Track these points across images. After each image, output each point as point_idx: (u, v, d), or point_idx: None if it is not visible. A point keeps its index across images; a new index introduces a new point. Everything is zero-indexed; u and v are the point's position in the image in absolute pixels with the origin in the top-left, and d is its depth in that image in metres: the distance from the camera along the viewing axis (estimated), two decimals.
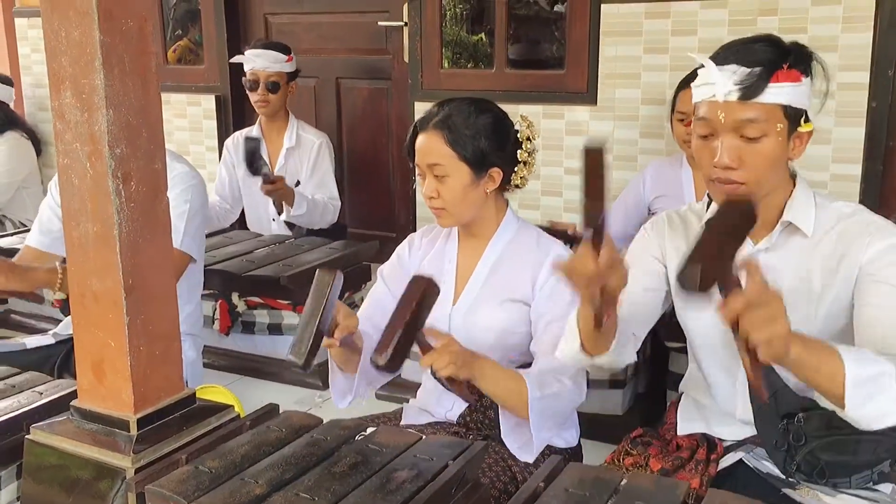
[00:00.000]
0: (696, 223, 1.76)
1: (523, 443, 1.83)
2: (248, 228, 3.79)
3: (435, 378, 1.66)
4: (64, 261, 2.26)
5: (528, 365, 1.92)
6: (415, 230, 4.17)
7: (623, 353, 1.68)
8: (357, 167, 4.29)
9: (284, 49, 3.62)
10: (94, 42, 1.55)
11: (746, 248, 1.66)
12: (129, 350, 1.68)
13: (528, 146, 1.90)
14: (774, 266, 1.63)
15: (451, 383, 1.66)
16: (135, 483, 1.54)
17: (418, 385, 2.18)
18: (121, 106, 1.61)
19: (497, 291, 1.90)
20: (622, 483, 1.47)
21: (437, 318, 1.93)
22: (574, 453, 1.99)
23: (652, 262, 1.78)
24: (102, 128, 1.60)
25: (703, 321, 1.73)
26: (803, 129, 1.57)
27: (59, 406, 1.90)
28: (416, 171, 1.90)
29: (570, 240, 2.79)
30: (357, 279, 3.22)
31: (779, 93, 1.51)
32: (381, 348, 1.51)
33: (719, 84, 1.53)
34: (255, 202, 3.72)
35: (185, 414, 1.80)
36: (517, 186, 1.93)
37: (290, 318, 3.00)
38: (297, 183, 3.62)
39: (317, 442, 1.65)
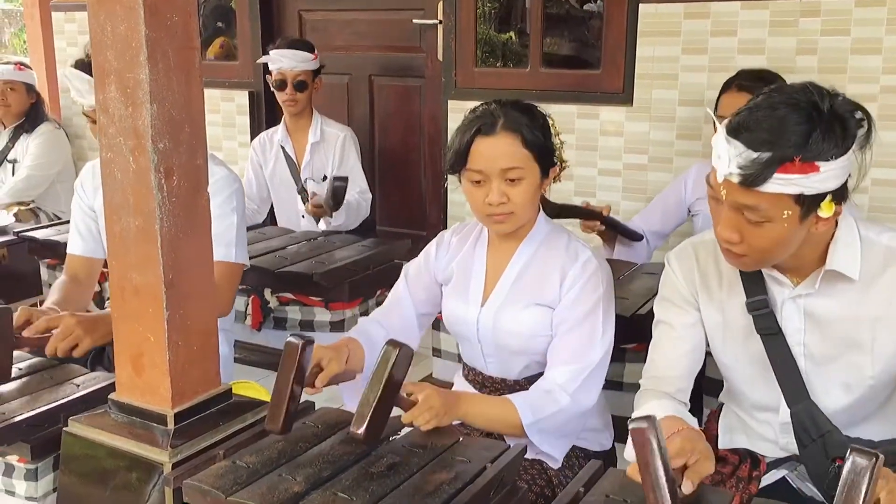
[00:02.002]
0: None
1: (537, 451, 1.82)
2: (277, 224, 3.81)
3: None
4: None
5: None
6: (446, 229, 4.19)
7: None
8: (388, 166, 4.29)
9: (310, 48, 3.64)
10: (139, 36, 1.56)
11: (786, 292, 1.58)
12: (168, 345, 1.68)
13: (559, 141, 1.89)
14: (820, 313, 1.56)
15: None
16: (173, 478, 1.54)
17: (449, 384, 2.17)
18: (164, 101, 1.62)
19: (524, 294, 1.88)
20: None
21: (466, 320, 1.92)
22: (608, 457, 1.97)
23: (689, 314, 1.70)
24: (146, 122, 1.60)
25: (741, 362, 1.67)
26: (824, 212, 1.41)
27: (96, 399, 1.91)
28: (469, 179, 1.81)
29: (605, 221, 2.77)
30: (389, 277, 3.19)
31: (786, 183, 1.36)
32: (358, 421, 1.52)
33: (722, 160, 1.40)
34: (283, 200, 3.74)
35: (221, 409, 1.81)
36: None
37: (321, 314, 3.00)
38: (324, 178, 3.62)
39: (353, 440, 1.64)
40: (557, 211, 2.24)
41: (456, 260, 1.99)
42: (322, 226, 3.49)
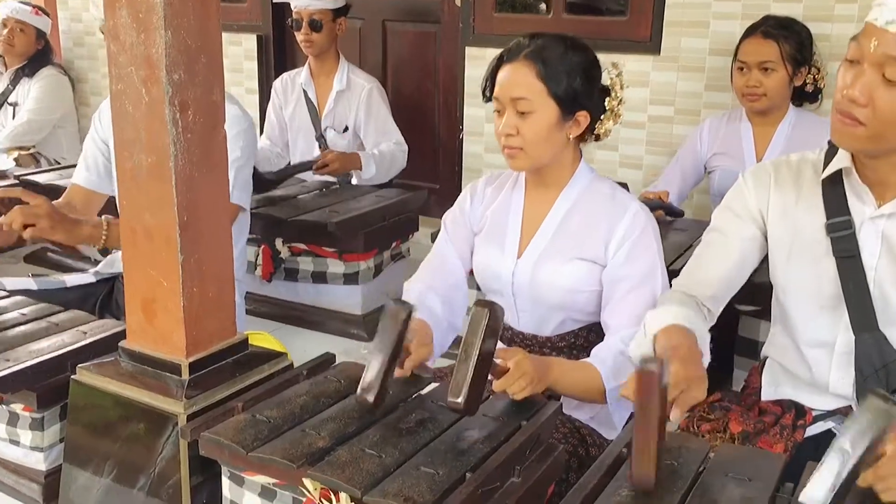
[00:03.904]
0: (811, 175, 1.61)
1: (593, 415, 1.73)
2: None
3: None
4: (110, 216, 2.17)
5: (592, 325, 1.81)
6: (460, 183, 4.10)
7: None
8: (401, 115, 4.11)
9: None
10: None
11: (867, 211, 1.52)
12: (183, 290, 1.59)
13: (618, 95, 1.76)
14: None
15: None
16: (189, 430, 1.45)
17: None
18: (180, 28, 1.50)
19: (566, 247, 1.77)
20: (710, 453, 1.37)
21: (500, 272, 1.83)
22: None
23: (748, 228, 1.65)
24: (160, 50, 1.48)
25: (805, 285, 1.59)
26: None
27: (104, 346, 1.83)
28: (494, 106, 1.76)
29: (667, 211, 2.66)
30: (405, 229, 3.12)
31: None
32: (455, 391, 1.37)
33: (888, 7, 1.35)
34: (300, 146, 3.60)
35: (237, 360, 1.72)
36: (597, 137, 1.80)
37: (335, 266, 2.90)
38: (346, 129, 3.48)
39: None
40: None
41: (491, 208, 1.88)
42: (354, 180, 3.34)
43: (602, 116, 1.75)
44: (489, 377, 1.43)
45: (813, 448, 1.55)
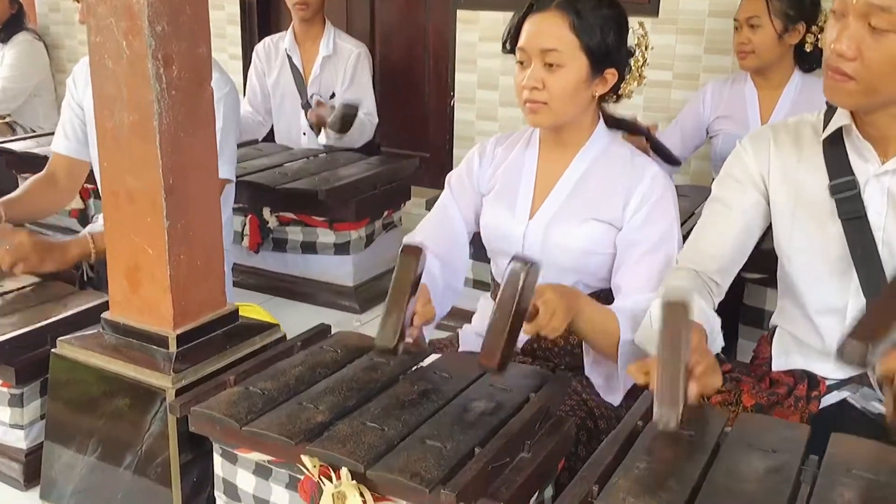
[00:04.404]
0: (810, 136, 1.56)
1: (606, 378, 1.67)
2: (275, 142, 3.57)
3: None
4: (93, 228, 2.09)
5: (601, 292, 1.74)
6: (451, 152, 4.02)
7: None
8: (390, 82, 4.04)
9: None
10: None
11: (871, 169, 1.48)
12: (169, 258, 1.50)
13: (644, 55, 1.69)
14: None
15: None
16: (178, 405, 1.37)
17: (470, 312, 2.00)
18: None
19: (581, 208, 1.70)
20: (726, 425, 1.31)
21: (510, 234, 1.75)
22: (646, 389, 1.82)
23: (750, 194, 1.60)
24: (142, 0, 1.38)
25: (811, 251, 1.55)
26: None
27: (87, 319, 1.74)
28: (517, 58, 1.67)
29: (650, 140, 2.56)
30: (397, 198, 3.03)
31: None
32: (489, 353, 1.29)
33: None
34: (285, 114, 3.49)
35: (228, 332, 1.64)
36: (618, 98, 1.72)
37: (325, 236, 2.81)
38: (332, 95, 3.38)
39: (377, 366, 1.49)
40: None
41: (501, 168, 1.80)
42: (322, 139, 3.26)
43: (628, 76, 1.67)
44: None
45: (829, 419, 1.52)
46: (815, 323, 1.58)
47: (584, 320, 1.53)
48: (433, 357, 1.55)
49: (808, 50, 2.60)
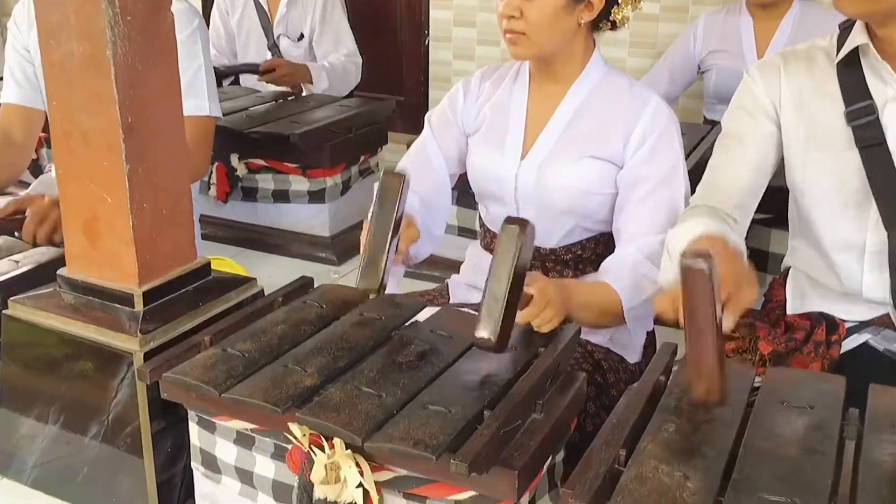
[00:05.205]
0: (823, 61, 1.46)
1: (608, 337, 1.57)
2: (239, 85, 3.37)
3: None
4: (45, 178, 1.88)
5: (601, 237, 1.62)
6: (427, 94, 3.85)
7: None
8: (360, 19, 3.82)
9: None
10: None
11: (890, 91, 1.38)
12: (131, 206, 1.35)
13: None
14: None
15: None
16: (148, 371, 1.22)
17: (458, 262, 1.86)
18: None
19: (577, 145, 1.57)
20: (756, 379, 1.20)
21: (501, 176, 1.61)
22: (650, 338, 1.72)
23: (763, 125, 1.50)
24: None
25: (826, 183, 1.45)
26: None
27: (42, 276, 1.59)
28: None
29: None
30: (373, 142, 2.87)
31: None
32: (486, 324, 1.15)
33: None
34: (251, 56, 3.28)
35: (199, 287, 1.50)
36: (613, 25, 1.57)
37: (298, 183, 2.65)
38: (301, 36, 3.18)
39: (368, 322, 1.35)
40: None
41: (488, 104, 1.65)
42: (305, 94, 3.08)
43: (620, 1, 1.52)
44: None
45: (851, 365, 1.43)
46: (831, 261, 1.50)
47: (583, 310, 1.43)
48: (427, 312, 1.42)
49: None
